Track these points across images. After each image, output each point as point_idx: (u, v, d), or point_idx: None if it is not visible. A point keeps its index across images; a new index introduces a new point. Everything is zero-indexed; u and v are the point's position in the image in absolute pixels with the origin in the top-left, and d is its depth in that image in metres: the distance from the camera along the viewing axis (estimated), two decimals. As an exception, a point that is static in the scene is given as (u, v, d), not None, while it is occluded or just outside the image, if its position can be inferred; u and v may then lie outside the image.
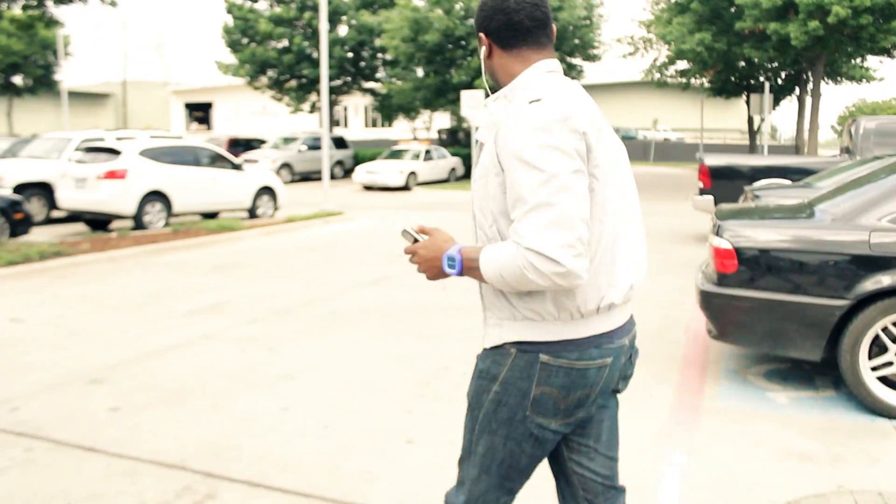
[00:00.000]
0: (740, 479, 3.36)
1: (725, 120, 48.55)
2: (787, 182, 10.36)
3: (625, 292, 1.77)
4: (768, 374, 4.88)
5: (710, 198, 11.23)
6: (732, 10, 23.15)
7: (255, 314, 6.55)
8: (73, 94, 43.92)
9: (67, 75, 66.98)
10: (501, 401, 1.78)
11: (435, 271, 1.80)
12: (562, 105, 1.65)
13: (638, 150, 42.46)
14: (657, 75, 30.96)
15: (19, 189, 12.61)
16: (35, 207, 12.99)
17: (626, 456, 3.65)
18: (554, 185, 1.57)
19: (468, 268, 1.73)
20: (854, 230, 4.23)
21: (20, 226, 10.06)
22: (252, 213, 13.99)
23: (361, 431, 3.90)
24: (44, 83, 37.68)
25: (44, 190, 13.26)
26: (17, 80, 37.55)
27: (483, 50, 1.84)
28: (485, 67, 1.88)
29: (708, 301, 4.55)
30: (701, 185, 11.44)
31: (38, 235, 11.05)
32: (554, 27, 1.85)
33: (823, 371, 4.87)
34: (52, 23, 11.84)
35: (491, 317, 1.82)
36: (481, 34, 1.83)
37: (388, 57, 28.35)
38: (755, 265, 4.38)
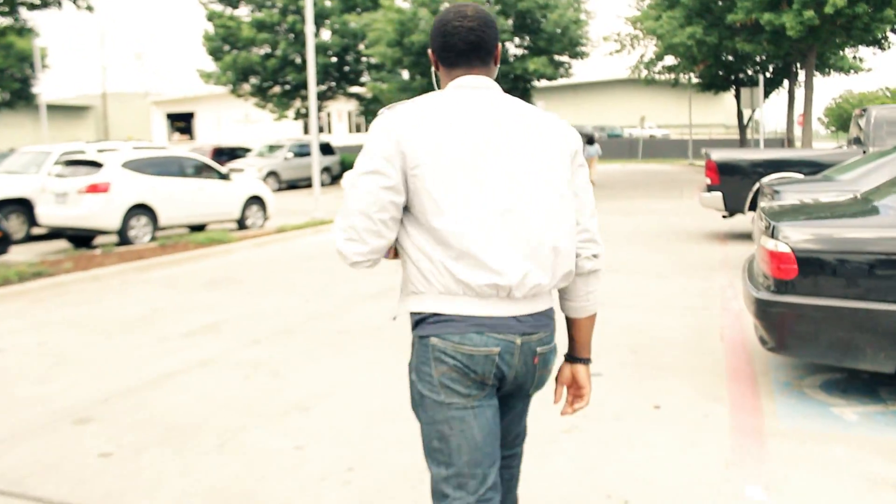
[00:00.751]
0: (836, 518, 2.92)
1: (710, 115, 48.45)
2: (800, 176, 9.98)
3: (486, 285, 1.77)
4: (825, 386, 4.45)
5: (719, 194, 10.80)
6: (720, 2, 22.86)
7: (256, 334, 6.06)
8: (52, 108, 43.08)
9: (45, 88, 65.97)
10: (421, 390, 1.86)
11: None
12: (395, 114, 1.84)
13: (625, 148, 42.23)
14: (644, 72, 30.68)
15: (-4, 206, 12.02)
16: (14, 225, 12.40)
17: (698, 491, 3.23)
18: (351, 182, 1.84)
19: None
20: (927, 227, 3.82)
21: (-2, 245, 9.51)
22: (241, 223, 13.48)
23: (391, 472, 3.43)
24: (21, 97, 36.60)
25: (23, 206, 12.64)
26: (-7, 94, 36.60)
27: (433, 66, 2.05)
28: (435, 80, 2.07)
29: (765, 310, 4.11)
30: (708, 181, 10.98)
31: (18, 254, 10.47)
32: (499, 47, 1.98)
33: (884, 381, 4.46)
34: (24, 31, 11.25)
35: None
36: (429, 50, 2.02)
37: (374, 61, 27.80)
38: (818, 269, 3.96)
